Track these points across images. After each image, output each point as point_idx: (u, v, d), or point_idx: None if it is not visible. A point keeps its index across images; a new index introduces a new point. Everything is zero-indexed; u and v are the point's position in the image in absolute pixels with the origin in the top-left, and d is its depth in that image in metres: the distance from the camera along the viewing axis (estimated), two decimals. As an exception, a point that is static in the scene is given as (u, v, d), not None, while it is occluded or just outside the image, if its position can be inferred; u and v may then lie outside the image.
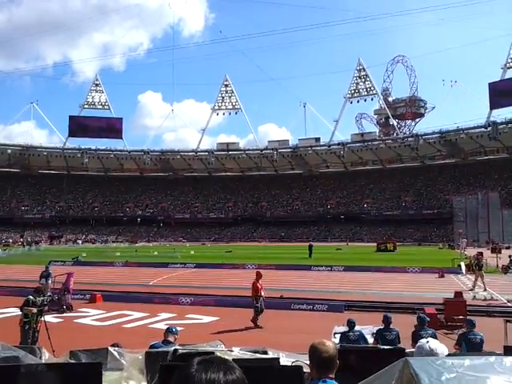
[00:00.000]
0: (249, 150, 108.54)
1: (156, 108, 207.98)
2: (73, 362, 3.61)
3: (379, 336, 7.96)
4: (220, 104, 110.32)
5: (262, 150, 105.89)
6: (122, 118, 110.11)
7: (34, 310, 9.58)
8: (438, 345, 3.71)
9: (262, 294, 13.68)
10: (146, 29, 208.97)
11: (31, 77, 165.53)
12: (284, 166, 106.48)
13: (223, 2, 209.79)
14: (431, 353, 3.53)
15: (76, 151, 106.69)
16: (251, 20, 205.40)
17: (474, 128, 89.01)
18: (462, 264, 27.81)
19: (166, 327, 6.88)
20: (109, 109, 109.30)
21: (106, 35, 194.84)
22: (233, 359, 3.17)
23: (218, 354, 3.20)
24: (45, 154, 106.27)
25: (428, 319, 8.41)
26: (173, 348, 3.81)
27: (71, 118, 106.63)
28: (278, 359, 3.57)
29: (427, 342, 3.80)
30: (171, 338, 6.20)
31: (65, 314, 15.24)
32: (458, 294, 15.41)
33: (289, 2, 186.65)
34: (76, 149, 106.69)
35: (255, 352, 3.76)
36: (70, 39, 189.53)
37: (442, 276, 24.48)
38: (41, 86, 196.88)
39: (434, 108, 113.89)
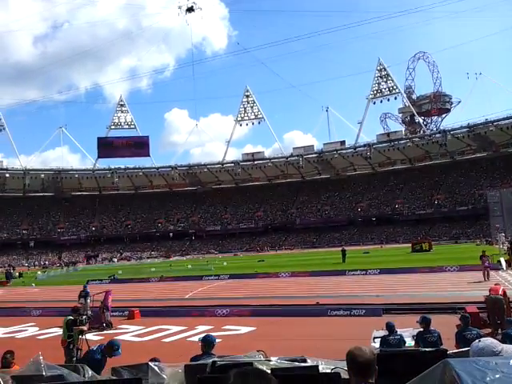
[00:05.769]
0: (274, 158, 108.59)
1: (183, 124, 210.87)
2: (114, 378, 3.68)
3: (420, 338, 7.79)
4: (243, 115, 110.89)
5: (287, 158, 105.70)
6: (148, 136, 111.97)
7: (85, 328, 9.68)
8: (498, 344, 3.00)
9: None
10: (171, 50, 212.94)
11: (65, 104, 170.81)
12: (310, 171, 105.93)
13: (242, 14, 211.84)
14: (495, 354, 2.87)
15: (106, 171, 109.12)
16: (270, 30, 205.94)
17: (504, 119, 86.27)
18: (502, 259, 26.99)
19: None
20: (135, 128, 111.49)
21: (133, 59, 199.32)
22: (271, 369, 3.18)
23: (257, 364, 3.20)
24: (76, 176, 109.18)
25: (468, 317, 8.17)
26: (211, 360, 3.83)
27: (99, 139, 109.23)
28: (316, 367, 3.53)
29: (490, 342, 3.01)
30: (210, 349, 6.20)
31: (105, 332, 15.48)
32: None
33: (305, 8, 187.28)
34: (106, 169, 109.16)
35: (294, 360, 3.72)
36: (100, 66, 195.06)
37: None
38: (74, 112, 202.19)
39: (459, 102, 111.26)
